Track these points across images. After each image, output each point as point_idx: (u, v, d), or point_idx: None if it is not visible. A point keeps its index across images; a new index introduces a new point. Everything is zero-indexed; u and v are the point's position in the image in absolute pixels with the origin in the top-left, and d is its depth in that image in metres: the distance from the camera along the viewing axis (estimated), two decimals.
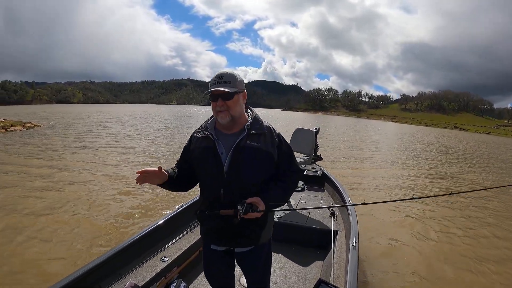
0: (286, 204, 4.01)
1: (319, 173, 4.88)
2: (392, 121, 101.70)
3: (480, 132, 63.10)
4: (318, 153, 4.72)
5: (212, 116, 1.72)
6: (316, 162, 4.86)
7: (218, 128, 1.68)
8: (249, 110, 1.75)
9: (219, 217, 1.57)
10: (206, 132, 1.66)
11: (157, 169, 1.56)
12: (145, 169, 1.53)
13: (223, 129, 1.67)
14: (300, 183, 4.70)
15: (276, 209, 1.72)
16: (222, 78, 1.56)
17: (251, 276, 1.89)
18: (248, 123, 1.65)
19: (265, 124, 1.70)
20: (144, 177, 1.53)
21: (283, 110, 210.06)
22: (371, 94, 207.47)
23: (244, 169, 1.59)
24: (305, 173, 4.84)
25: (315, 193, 4.55)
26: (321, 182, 4.82)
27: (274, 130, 1.71)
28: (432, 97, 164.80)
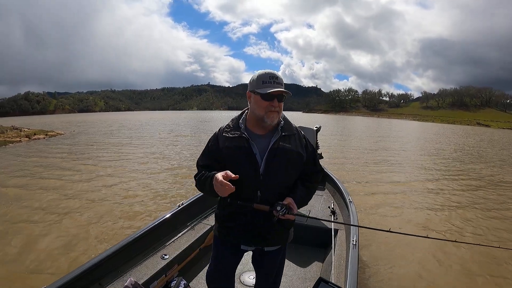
0: None
1: None
2: (414, 120, 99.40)
3: (504, 128, 60.78)
4: (319, 151, 4.70)
5: (239, 116, 1.71)
6: None
7: (250, 128, 1.66)
8: None
9: (251, 212, 1.58)
10: (238, 132, 1.62)
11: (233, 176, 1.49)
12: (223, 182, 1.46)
13: (255, 130, 1.64)
14: None
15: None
16: (277, 79, 1.55)
17: (266, 275, 1.87)
18: (281, 125, 1.65)
19: (293, 125, 1.72)
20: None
21: (303, 112, 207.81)
22: (392, 93, 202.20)
23: (280, 171, 1.59)
24: None
25: (316, 192, 4.48)
26: (322, 180, 4.74)
27: (300, 131, 1.74)
28: (453, 94, 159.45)
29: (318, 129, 4.45)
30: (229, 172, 1.48)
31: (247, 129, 1.64)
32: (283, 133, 1.62)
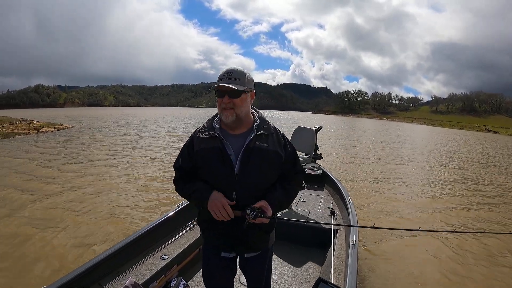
0: None
1: (319, 172, 4.86)
2: (423, 124, 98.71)
3: None
4: (318, 151, 4.69)
5: (216, 115, 1.65)
6: (316, 161, 4.83)
7: (224, 128, 1.60)
8: (253, 111, 1.67)
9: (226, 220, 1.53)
10: (212, 132, 1.56)
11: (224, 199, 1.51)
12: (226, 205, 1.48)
13: (230, 129, 1.59)
14: None
15: (280, 212, 1.64)
16: (231, 75, 1.49)
17: (255, 280, 1.81)
18: (256, 123, 1.59)
19: (271, 124, 1.66)
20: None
21: (312, 112, 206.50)
22: (401, 96, 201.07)
23: (256, 171, 1.54)
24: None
25: (315, 192, 4.52)
26: (321, 181, 4.79)
27: (279, 130, 1.68)
28: (463, 99, 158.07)
29: (318, 130, 4.44)
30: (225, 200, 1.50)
31: (222, 129, 1.59)
32: (258, 132, 1.56)
